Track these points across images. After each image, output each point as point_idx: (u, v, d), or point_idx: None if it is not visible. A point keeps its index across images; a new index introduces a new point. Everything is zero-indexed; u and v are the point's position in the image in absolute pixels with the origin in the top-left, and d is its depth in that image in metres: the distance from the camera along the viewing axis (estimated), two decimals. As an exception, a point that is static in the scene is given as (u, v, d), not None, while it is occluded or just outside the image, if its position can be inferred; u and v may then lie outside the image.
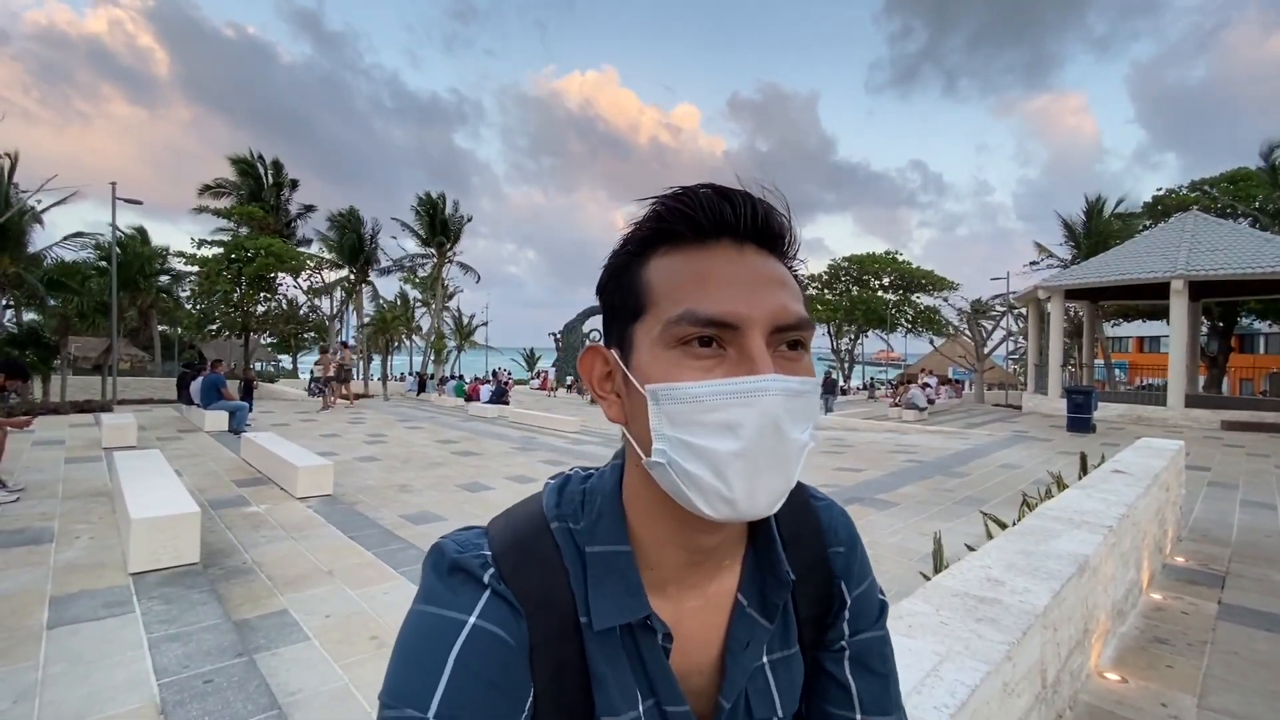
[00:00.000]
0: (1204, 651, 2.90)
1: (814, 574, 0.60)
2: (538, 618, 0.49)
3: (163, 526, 3.76)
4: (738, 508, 0.45)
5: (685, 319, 0.45)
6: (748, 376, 0.44)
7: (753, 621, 0.55)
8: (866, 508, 6.09)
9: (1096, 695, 2.42)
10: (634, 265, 0.50)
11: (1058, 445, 11.01)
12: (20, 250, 17.33)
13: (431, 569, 0.51)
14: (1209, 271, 14.43)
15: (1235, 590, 3.77)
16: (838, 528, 0.63)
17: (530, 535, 0.53)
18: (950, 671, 1.45)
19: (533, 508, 0.56)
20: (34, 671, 2.51)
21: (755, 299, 0.46)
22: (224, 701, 2.35)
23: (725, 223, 0.47)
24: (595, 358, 0.53)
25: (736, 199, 0.48)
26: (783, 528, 0.58)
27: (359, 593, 3.60)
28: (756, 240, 0.49)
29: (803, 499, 0.62)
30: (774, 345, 0.47)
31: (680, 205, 0.48)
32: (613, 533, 0.52)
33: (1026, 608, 1.84)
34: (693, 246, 0.48)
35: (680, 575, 0.53)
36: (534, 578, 0.50)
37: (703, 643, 0.54)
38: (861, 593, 0.61)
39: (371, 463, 8.01)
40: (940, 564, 2.93)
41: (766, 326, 0.46)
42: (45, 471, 6.50)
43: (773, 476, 0.45)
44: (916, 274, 37.84)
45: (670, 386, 0.45)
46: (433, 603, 0.48)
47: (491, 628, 0.47)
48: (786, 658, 0.57)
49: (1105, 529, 2.66)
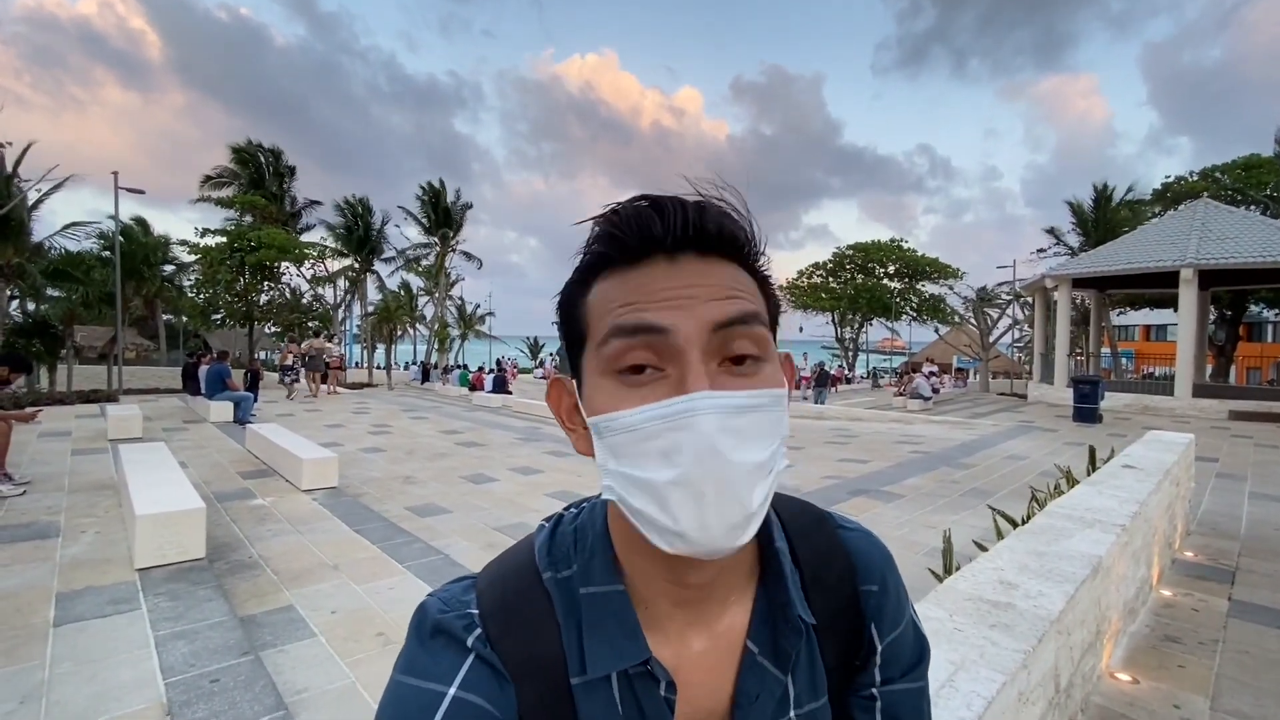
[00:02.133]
0: (1215, 650, 2.87)
1: (842, 617, 0.54)
2: (526, 682, 0.46)
3: (168, 522, 3.76)
4: (690, 541, 0.41)
5: (611, 335, 0.43)
6: (677, 396, 0.41)
7: (763, 671, 0.51)
8: (872, 500, 6.07)
9: (1108, 697, 2.40)
10: (578, 295, 0.48)
11: (1064, 436, 10.96)
12: (24, 240, 17.33)
13: (414, 631, 0.48)
14: (1219, 260, 14.26)
15: (1245, 586, 3.74)
16: (871, 563, 0.57)
17: (520, 590, 0.49)
18: (965, 683, 1.42)
19: (524, 557, 0.52)
20: (40, 671, 2.52)
21: (687, 307, 0.42)
22: (230, 701, 2.35)
23: (654, 238, 0.44)
24: (560, 390, 0.50)
25: (667, 208, 0.44)
26: (804, 565, 0.54)
27: (364, 588, 3.60)
28: (696, 248, 0.45)
29: (829, 531, 0.57)
30: (721, 354, 0.43)
31: (609, 227, 0.45)
32: (605, 572, 0.49)
33: (1041, 613, 1.81)
34: (627, 267, 0.45)
35: (678, 612, 0.49)
36: (523, 638, 0.47)
37: (711, 689, 0.50)
38: (896, 637, 0.56)
39: (376, 454, 8.02)
40: (950, 563, 2.91)
41: (703, 332, 0.42)
42: (51, 464, 6.52)
43: (722, 504, 0.41)
44: (922, 262, 37.58)
45: (608, 417, 0.43)
46: (412, 672, 0.45)
47: (473, 699, 0.44)
48: (814, 710, 0.53)
49: (1118, 528, 2.62)
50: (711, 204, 0.46)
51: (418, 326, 36.06)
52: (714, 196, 0.46)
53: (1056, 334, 17.83)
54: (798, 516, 0.57)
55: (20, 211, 16.77)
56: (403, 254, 31.24)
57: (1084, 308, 23.64)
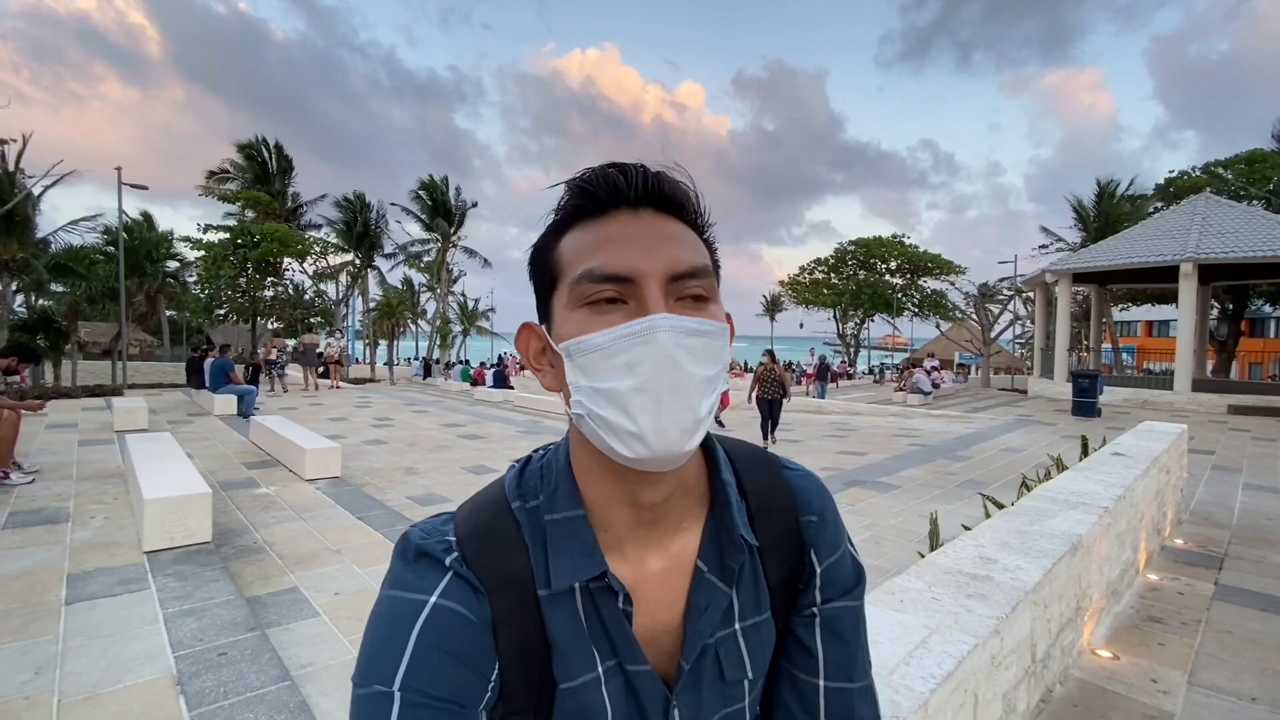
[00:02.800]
0: (1198, 630, 2.94)
1: (785, 543, 0.61)
2: (500, 596, 0.52)
3: (175, 506, 3.84)
4: (648, 443, 0.47)
5: (585, 277, 0.49)
6: (642, 318, 0.48)
7: (711, 586, 0.57)
8: (868, 490, 6.14)
9: (1087, 671, 2.47)
10: (550, 245, 0.54)
11: (1062, 429, 11.01)
12: (28, 235, 17.43)
13: (399, 556, 0.53)
14: (1219, 255, 14.26)
15: (1233, 571, 3.80)
16: (810, 497, 0.63)
17: (492, 518, 0.55)
18: (939, 644, 1.49)
19: (495, 491, 0.58)
20: (54, 645, 2.60)
21: (649, 253, 0.49)
22: (238, 673, 2.43)
23: (619, 191, 0.51)
24: (529, 334, 0.56)
25: (630, 170, 0.51)
26: (750, 498, 0.60)
27: (367, 571, 3.68)
28: (654, 205, 0.52)
29: (774, 470, 0.64)
30: (674, 295, 0.50)
31: (581, 183, 0.52)
32: (567, 499, 0.55)
33: (1017, 584, 1.88)
34: (595, 218, 0.52)
35: (635, 534, 0.55)
36: (496, 559, 0.53)
37: (666, 604, 0.56)
38: (833, 562, 0.62)
39: (378, 446, 8.10)
40: (936, 544, 2.97)
41: (662, 277, 0.49)
42: (60, 454, 6.62)
43: (676, 409, 0.47)
44: (923, 258, 37.55)
45: (578, 340, 0.49)
46: (398, 587, 0.51)
47: (453, 605, 0.50)
48: (758, 623, 0.59)
49: (1100, 510, 2.69)
50: (666, 172, 0.53)
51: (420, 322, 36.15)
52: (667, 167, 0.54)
53: (1057, 329, 17.85)
54: (745, 456, 0.64)
55: (24, 207, 16.87)
56: (404, 249, 31.32)
57: (1085, 303, 23.64)
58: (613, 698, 0.54)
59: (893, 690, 1.29)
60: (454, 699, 0.48)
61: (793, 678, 0.61)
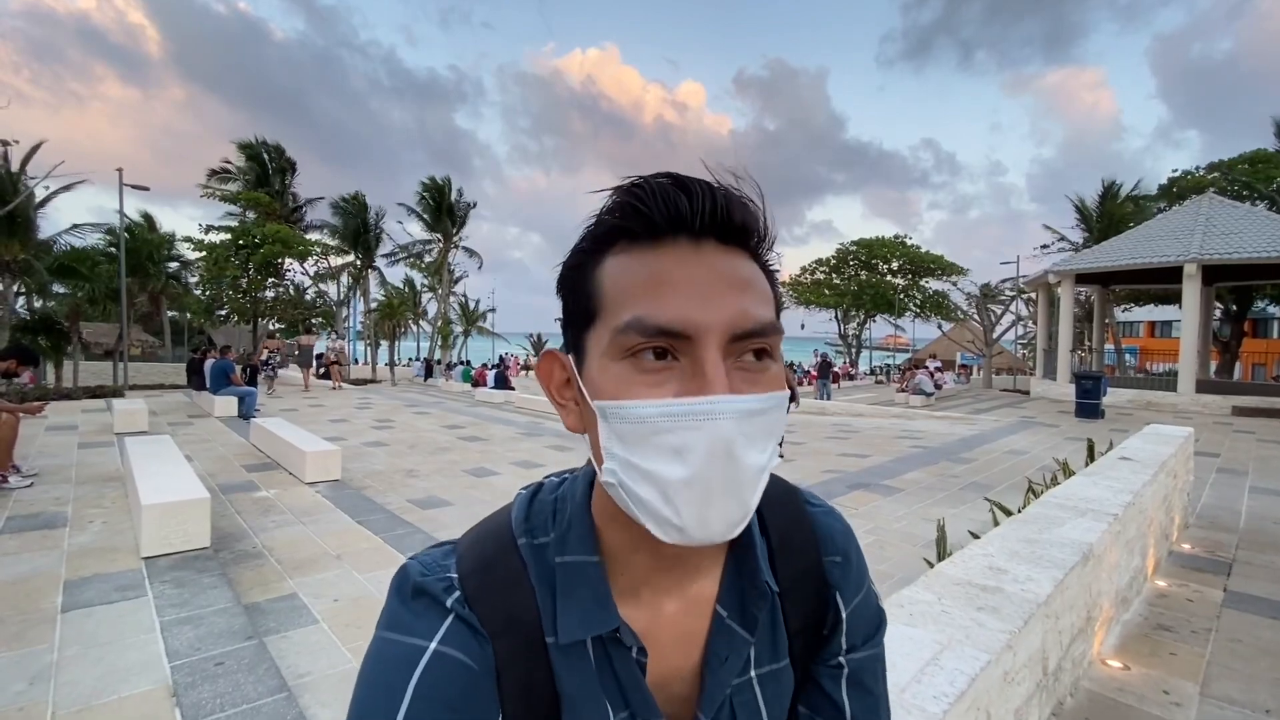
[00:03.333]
0: (1208, 639, 2.90)
1: (806, 585, 0.57)
2: (503, 640, 0.48)
3: (174, 511, 3.81)
4: (689, 535, 0.43)
5: (633, 328, 0.42)
6: (698, 397, 0.41)
7: (732, 633, 0.53)
8: (871, 493, 6.10)
9: (1098, 682, 2.43)
10: (588, 265, 0.47)
11: (1065, 431, 10.96)
12: (30, 237, 17.44)
13: (395, 592, 0.50)
14: (1223, 255, 14.20)
15: (1241, 577, 3.75)
16: (835, 536, 0.60)
17: (497, 554, 0.51)
18: (951, 660, 1.45)
19: (501, 523, 0.54)
20: (49, 654, 2.57)
21: (711, 305, 0.42)
22: (235, 684, 2.40)
23: (681, 218, 0.43)
24: (553, 364, 0.51)
25: (694, 190, 0.43)
26: (772, 535, 0.57)
27: (367, 576, 3.65)
28: (719, 236, 0.44)
29: (797, 505, 0.60)
30: (734, 354, 0.44)
31: (632, 199, 0.44)
32: (582, 543, 0.51)
33: (1029, 596, 1.84)
34: (646, 245, 0.44)
35: (653, 579, 0.52)
36: (500, 599, 0.49)
37: (683, 650, 0.53)
38: (857, 605, 0.59)
39: (379, 448, 8.07)
40: (944, 551, 2.93)
41: (723, 336, 0.42)
42: (59, 456, 6.59)
43: (726, 504, 0.42)
44: (925, 258, 37.49)
45: (619, 405, 0.43)
46: (394, 629, 0.47)
47: (453, 653, 0.46)
48: (775, 671, 0.56)
49: (1110, 517, 2.65)
50: (734, 193, 0.45)
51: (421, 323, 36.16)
52: (732, 187, 0.46)
53: (1060, 330, 17.80)
54: (768, 489, 0.61)
55: (27, 208, 16.88)
56: (404, 249, 31.34)
57: (1088, 304, 23.57)
58: None
59: (905, 711, 1.25)
60: None
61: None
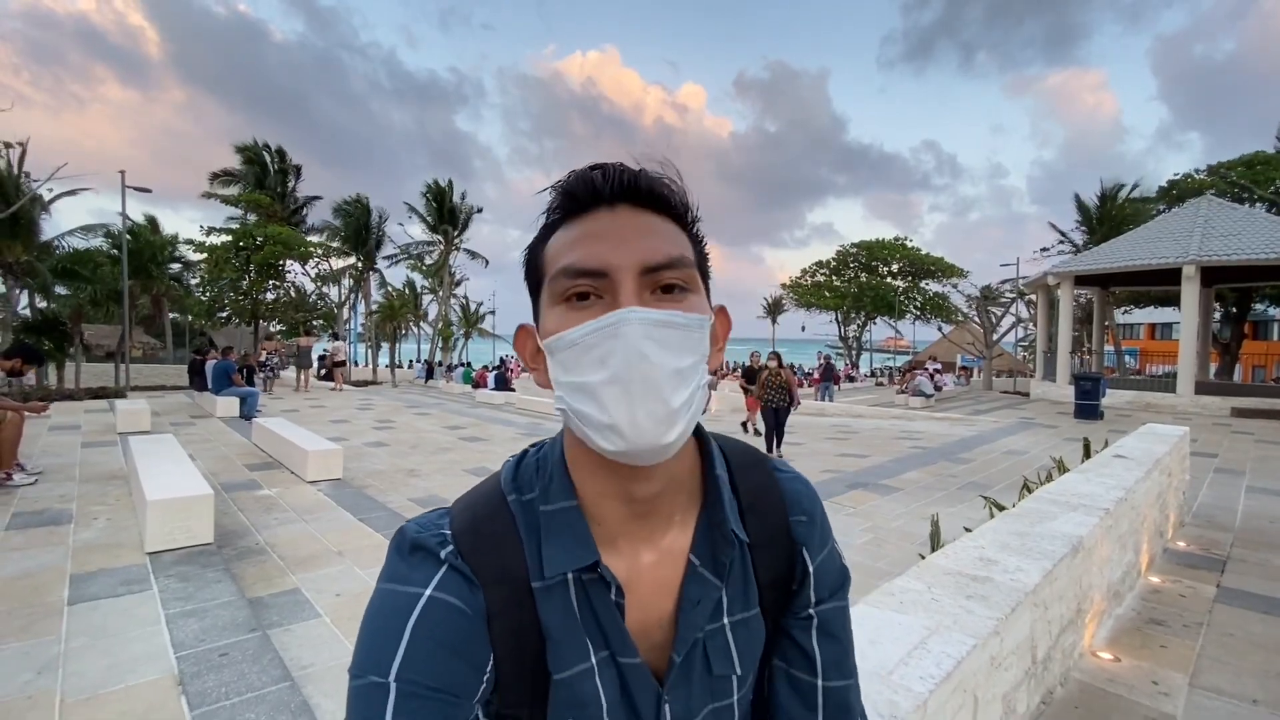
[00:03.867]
0: (1199, 633, 2.93)
1: (774, 541, 0.62)
2: (495, 589, 0.52)
3: (178, 508, 3.85)
4: (624, 434, 0.48)
5: (561, 273, 0.51)
6: (612, 312, 0.48)
7: (704, 580, 0.57)
8: (870, 493, 6.13)
9: (1088, 673, 2.46)
10: (537, 246, 0.56)
11: (1064, 432, 10.98)
12: (32, 238, 17.50)
13: (394, 550, 0.54)
14: (1222, 257, 14.23)
15: (1235, 574, 3.79)
16: (800, 498, 0.64)
17: (487, 511, 0.56)
18: (938, 644, 1.49)
19: (491, 484, 0.59)
20: (56, 645, 2.61)
21: (622, 247, 0.50)
22: (239, 674, 2.44)
23: (596, 190, 0.52)
24: (525, 336, 0.58)
25: (609, 168, 0.53)
26: (742, 496, 0.61)
27: (368, 572, 3.69)
28: (631, 201, 0.52)
29: (765, 470, 0.65)
30: (651, 287, 0.50)
31: (562, 185, 0.54)
32: (561, 491, 0.55)
33: (1017, 586, 1.88)
34: (576, 217, 0.53)
35: (627, 528, 0.56)
36: (490, 552, 0.53)
37: (659, 597, 0.57)
38: (823, 560, 0.64)
39: (380, 448, 8.11)
40: (937, 546, 2.97)
41: (635, 270, 0.49)
42: (63, 455, 6.64)
43: (649, 401, 0.47)
44: (925, 260, 37.53)
45: (556, 337, 0.51)
46: (393, 580, 0.52)
47: (447, 598, 0.50)
48: (747, 619, 0.60)
49: (1101, 511, 2.69)
50: (647, 170, 0.53)
51: (422, 325, 36.22)
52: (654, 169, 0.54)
53: (1059, 332, 17.82)
54: (739, 454, 0.65)
55: (29, 210, 16.95)
56: (405, 250, 31.41)
57: (1087, 306, 23.60)
58: (606, 689, 0.54)
59: (891, 690, 1.29)
60: (449, 690, 0.48)
61: (791, 677, 0.63)
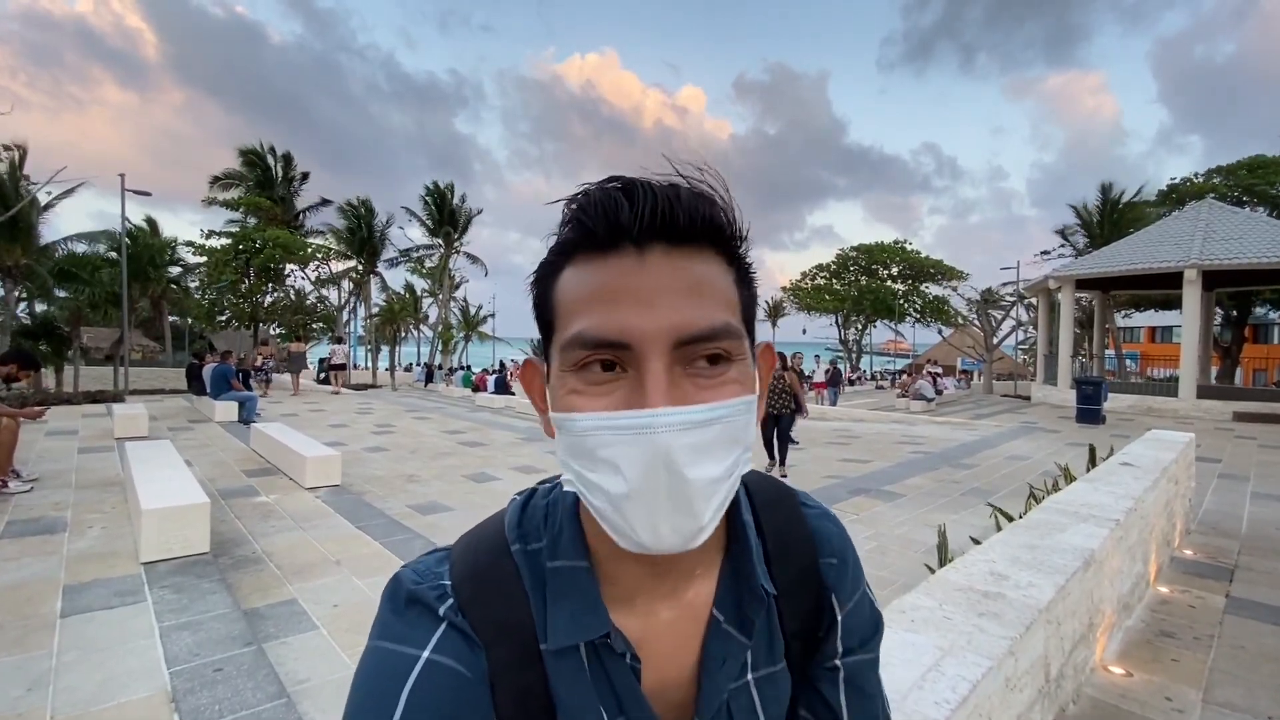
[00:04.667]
0: (1210, 645, 2.89)
1: (802, 587, 0.57)
2: (497, 647, 0.48)
3: (173, 517, 3.81)
4: (647, 546, 0.42)
5: (576, 343, 0.42)
6: (636, 410, 0.40)
7: (728, 637, 0.52)
8: (872, 499, 6.08)
9: (1100, 689, 2.42)
10: (550, 277, 0.46)
11: (1066, 436, 10.94)
12: (31, 242, 17.48)
13: (388, 601, 0.49)
14: (1223, 261, 14.21)
15: (1244, 583, 3.74)
16: (831, 538, 0.60)
17: (490, 561, 0.51)
18: (952, 667, 1.45)
19: (494, 530, 0.54)
20: (48, 660, 2.56)
21: (651, 313, 0.41)
22: (234, 690, 2.39)
23: (621, 228, 0.42)
24: (533, 373, 0.51)
25: (637, 194, 0.42)
26: (768, 537, 0.56)
27: (366, 582, 3.64)
28: (667, 239, 0.42)
29: (793, 507, 0.60)
30: (685, 361, 0.42)
31: (576, 212, 0.44)
32: (572, 548, 0.50)
33: (1030, 602, 1.83)
34: (595, 256, 0.43)
35: (645, 585, 0.51)
36: (493, 606, 0.49)
37: (678, 656, 0.52)
38: (854, 608, 0.59)
39: (379, 453, 8.06)
40: (945, 557, 2.93)
41: (666, 343, 0.41)
42: (59, 461, 6.59)
43: (677, 518, 0.41)
44: (925, 263, 37.55)
45: (566, 417, 0.43)
46: (387, 638, 0.47)
47: (446, 661, 0.46)
48: (772, 674, 0.55)
49: (1112, 522, 2.65)
50: (686, 188, 0.43)
51: (421, 328, 36.20)
52: (694, 178, 0.44)
53: (1060, 335, 17.79)
54: (764, 491, 0.60)
55: (28, 213, 16.93)
56: (406, 254, 31.41)
57: (1088, 309, 23.58)
58: None
59: (906, 717, 1.25)
60: None
61: None
